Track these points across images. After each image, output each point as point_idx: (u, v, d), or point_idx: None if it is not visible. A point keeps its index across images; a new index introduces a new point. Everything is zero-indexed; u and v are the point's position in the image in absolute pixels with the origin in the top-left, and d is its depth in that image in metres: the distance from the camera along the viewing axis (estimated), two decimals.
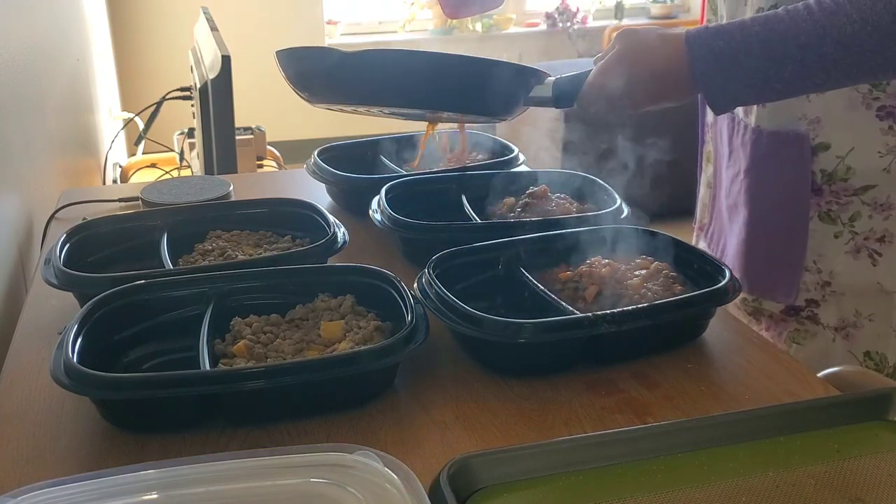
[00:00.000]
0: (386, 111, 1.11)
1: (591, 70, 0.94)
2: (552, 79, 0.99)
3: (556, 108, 0.99)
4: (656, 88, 0.89)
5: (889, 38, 0.77)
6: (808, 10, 0.80)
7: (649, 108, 0.92)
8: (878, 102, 0.94)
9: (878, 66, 0.80)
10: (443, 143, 1.38)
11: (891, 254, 0.99)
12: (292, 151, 2.96)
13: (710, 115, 1.20)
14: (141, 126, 2.38)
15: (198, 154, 2.17)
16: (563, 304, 0.86)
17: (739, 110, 1.06)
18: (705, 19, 1.18)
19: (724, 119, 1.11)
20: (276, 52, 1.05)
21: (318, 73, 1.04)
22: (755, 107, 1.02)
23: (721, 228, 1.15)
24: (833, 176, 0.98)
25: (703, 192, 1.21)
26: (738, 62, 0.84)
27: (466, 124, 1.30)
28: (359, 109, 1.10)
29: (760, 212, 1.05)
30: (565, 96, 0.97)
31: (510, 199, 1.15)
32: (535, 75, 0.99)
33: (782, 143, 1.00)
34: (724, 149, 1.12)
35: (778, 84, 0.84)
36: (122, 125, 2.69)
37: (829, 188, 0.99)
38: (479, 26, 4.55)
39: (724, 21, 1.09)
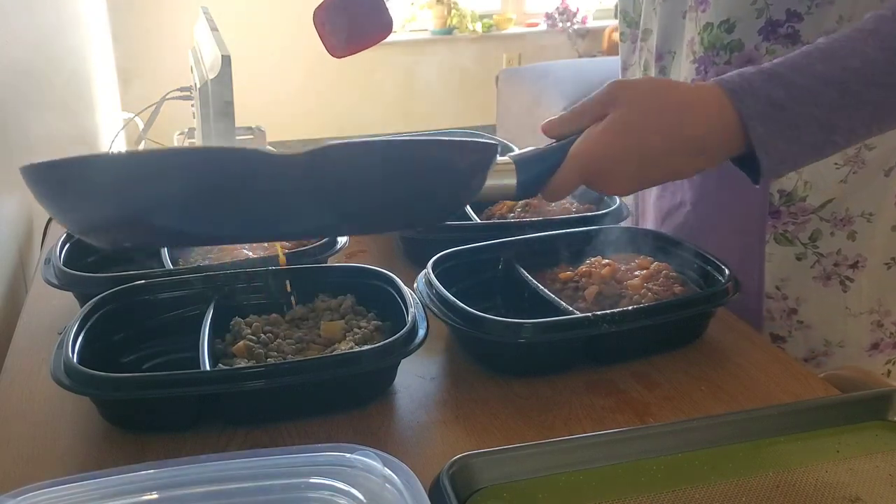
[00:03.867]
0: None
1: (566, 142, 0.68)
2: (507, 160, 0.67)
3: (518, 199, 0.67)
4: (683, 161, 0.66)
5: None
6: (874, 36, 0.63)
7: (656, 184, 0.68)
8: None
9: None
10: None
11: (861, 278, 0.96)
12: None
13: None
14: (141, 126, 2.37)
15: None
16: (563, 304, 0.86)
17: None
18: (619, 32, 1.09)
19: None
20: (29, 168, 0.56)
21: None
22: None
23: None
24: (792, 196, 0.94)
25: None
26: (806, 115, 0.63)
27: None
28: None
29: (709, 243, 0.97)
30: (532, 182, 0.67)
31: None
32: (487, 154, 0.61)
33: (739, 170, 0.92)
34: None
35: (841, 137, 0.65)
36: (122, 125, 2.69)
37: (787, 210, 0.95)
38: (478, 26, 4.55)
39: (655, 34, 1.00)
